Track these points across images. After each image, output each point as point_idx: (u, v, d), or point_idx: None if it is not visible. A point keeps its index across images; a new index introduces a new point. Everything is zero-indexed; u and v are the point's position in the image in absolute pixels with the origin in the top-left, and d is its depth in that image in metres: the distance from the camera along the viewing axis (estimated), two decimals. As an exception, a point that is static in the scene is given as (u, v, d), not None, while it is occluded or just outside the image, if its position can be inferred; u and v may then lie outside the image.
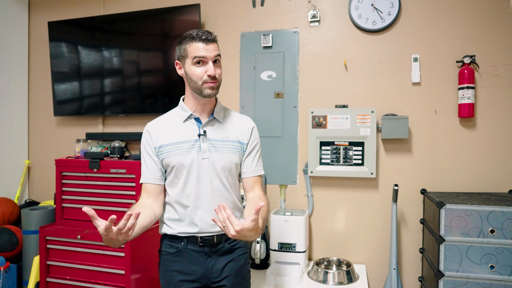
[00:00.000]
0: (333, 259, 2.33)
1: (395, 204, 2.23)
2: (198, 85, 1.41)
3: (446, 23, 2.26)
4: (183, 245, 1.49)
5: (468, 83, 2.16)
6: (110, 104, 2.78)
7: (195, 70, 1.40)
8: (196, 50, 1.39)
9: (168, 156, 1.47)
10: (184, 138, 1.47)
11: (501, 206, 1.81)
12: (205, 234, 1.47)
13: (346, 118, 2.32)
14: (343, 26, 2.42)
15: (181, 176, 1.46)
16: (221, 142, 1.49)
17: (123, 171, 2.41)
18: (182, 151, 1.46)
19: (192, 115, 1.50)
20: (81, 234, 2.37)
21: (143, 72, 2.73)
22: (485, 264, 1.83)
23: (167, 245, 1.55)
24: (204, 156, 1.46)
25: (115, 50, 2.77)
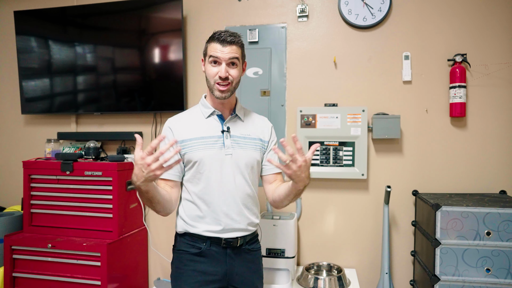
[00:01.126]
0: (323, 264, 2.24)
1: (387, 206, 2.16)
2: (211, 85, 1.45)
3: (437, 20, 2.21)
4: (206, 246, 1.46)
5: (460, 82, 2.11)
6: (84, 102, 2.59)
7: (210, 69, 1.44)
8: (212, 50, 1.43)
9: (191, 151, 1.45)
10: (208, 133, 1.47)
11: (497, 208, 1.77)
12: (229, 236, 1.47)
13: (336, 117, 2.24)
14: (333, 22, 2.33)
15: (204, 172, 1.45)
16: (243, 139, 1.51)
17: (99, 173, 2.24)
18: (206, 146, 1.45)
19: (215, 111, 1.51)
20: (52, 242, 2.18)
21: (119, 69, 2.55)
22: (481, 267, 1.79)
23: (187, 244, 1.49)
24: (228, 152, 1.46)
25: (89, 46, 2.58)
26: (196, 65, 2.51)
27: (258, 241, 1.63)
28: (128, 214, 2.35)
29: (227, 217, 1.46)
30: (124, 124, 2.61)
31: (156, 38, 2.48)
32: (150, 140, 2.56)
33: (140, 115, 2.58)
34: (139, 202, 2.47)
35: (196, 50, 2.50)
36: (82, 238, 2.25)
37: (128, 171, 2.34)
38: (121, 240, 2.26)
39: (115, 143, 2.60)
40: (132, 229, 2.40)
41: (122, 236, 2.28)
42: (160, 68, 2.49)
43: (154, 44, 2.48)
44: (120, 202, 2.26)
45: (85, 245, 2.14)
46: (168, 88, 2.48)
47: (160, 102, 2.49)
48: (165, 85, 2.49)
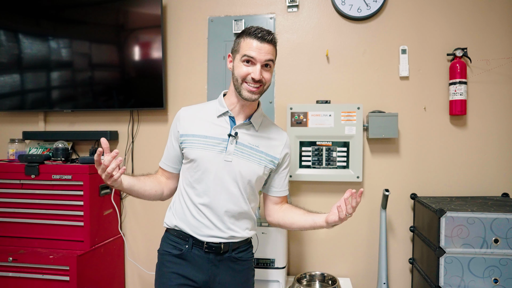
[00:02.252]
0: (316, 273, 2.06)
1: (385, 211, 2.01)
2: (238, 84, 1.32)
3: (436, 12, 2.07)
4: (188, 248, 1.37)
5: (460, 78, 1.98)
6: (57, 100, 2.33)
7: (241, 68, 1.30)
8: (248, 48, 1.29)
9: (190, 147, 1.37)
10: (212, 133, 1.37)
11: (505, 213, 1.63)
12: (211, 240, 1.36)
13: (329, 115, 2.07)
14: (325, 13, 2.17)
15: (197, 172, 1.36)
16: (249, 149, 1.38)
17: (68, 177, 2.01)
18: (206, 146, 1.35)
19: (228, 112, 1.39)
20: (13, 255, 1.95)
21: (96, 66, 2.32)
22: (488, 278, 1.65)
23: (169, 244, 1.42)
24: (228, 158, 1.35)
25: (64, 40, 2.34)
26: (176, 62, 2.30)
27: (249, 250, 1.49)
28: (101, 222, 2.13)
29: (210, 223, 1.36)
30: (98, 123, 2.38)
31: (134, 33, 2.26)
32: (127, 139, 2.34)
33: (116, 113, 2.36)
34: (114, 208, 2.25)
35: (176, 46, 2.29)
36: (48, 249, 2.02)
37: (101, 174, 2.12)
38: (93, 251, 2.03)
39: (88, 144, 2.37)
40: (106, 238, 2.18)
41: (95, 247, 2.05)
42: (139, 64, 2.27)
43: (132, 39, 2.26)
44: (92, 208, 2.04)
45: (52, 258, 1.92)
46: (147, 86, 2.26)
47: (138, 100, 2.27)
48: (143, 82, 2.27)
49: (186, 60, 2.29)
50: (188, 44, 2.28)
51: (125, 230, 2.34)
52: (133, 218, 2.35)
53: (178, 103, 2.29)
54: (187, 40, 2.28)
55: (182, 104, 2.28)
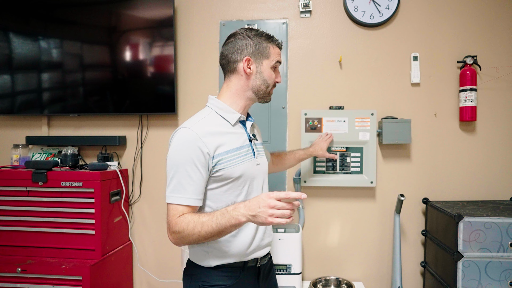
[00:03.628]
0: (331, 278, 2.08)
1: (398, 216, 2.04)
2: (268, 90, 1.34)
3: (447, 20, 2.12)
4: (244, 271, 1.30)
5: (471, 85, 2.03)
6: (51, 102, 2.26)
7: (271, 74, 1.33)
8: (277, 55, 1.34)
9: (231, 166, 1.22)
10: (240, 143, 1.29)
11: (520, 217, 1.69)
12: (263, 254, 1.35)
13: (343, 121, 2.09)
14: (338, 19, 2.18)
15: (244, 186, 1.27)
16: (260, 145, 1.44)
17: (78, 184, 1.96)
18: (242, 158, 1.27)
19: (241, 117, 1.33)
20: (21, 265, 1.88)
21: (102, 68, 2.25)
22: (505, 281, 1.70)
23: (223, 277, 1.27)
24: (257, 162, 1.34)
25: (54, 40, 2.26)
26: (186, 65, 2.26)
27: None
28: (111, 230, 2.08)
29: (262, 233, 1.34)
30: (105, 127, 2.32)
31: (145, 34, 2.21)
32: (136, 144, 2.29)
33: (124, 117, 2.30)
34: (124, 215, 2.20)
35: (187, 49, 2.26)
36: (58, 259, 1.96)
37: (111, 180, 2.07)
38: (105, 260, 1.98)
39: (94, 149, 2.31)
40: (116, 246, 2.13)
41: (106, 255, 2.01)
42: (149, 67, 2.22)
43: (142, 41, 2.21)
44: (104, 216, 1.99)
45: (63, 268, 1.86)
46: (158, 90, 2.22)
47: (148, 104, 2.22)
48: (154, 87, 2.22)
49: (197, 64, 2.26)
50: (199, 48, 2.25)
51: (134, 237, 2.29)
52: (141, 225, 2.30)
53: (189, 108, 2.26)
54: (198, 44, 2.25)
55: (193, 109, 2.27)
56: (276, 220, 1.04)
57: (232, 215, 1.08)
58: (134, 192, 2.30)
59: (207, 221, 1.10)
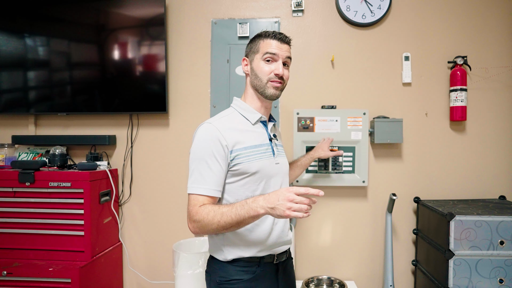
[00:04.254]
0: (323, 277, 2.08)
1: (390, 215, 2.05)
2: (263, 83, 1.31)
3: (438, 21, 2.14)
4: (260, 267, 1.30)
5: (461, 85, 2.05)
6: (38, 101, 2.21)
7: (263, 66, 1.31)
8: (269, 46, 1.31)
9: (248, 161, 1.26)
10: (259, 141, 1.32)
11: (510, 216, 1.70)
12: (281, 251, 1.36)
13: (335, 121, 2.09)
14: (330, 18, 2.18)
15: (261, 183, 1.29)
16: (281, 147, 1.45)
17: (67, 184, 1.92)
18: (260, 155, 1.30)
19: (262, 117, 1.37)
20: (7, 268, 1.83)
21: (90, 66, 2.20)
22: (494, 278, 1.72)
23: (239, 271, 1.28)
24: (277, 161, 1.36)
25: (41, 38, 2.21)
26: (177, 63, 2.23)
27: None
28: (101, 231, 2.04)
29: (280, 231, 1.34)
30: (94, 127, 2.28)
31: (136, 33, 2.18)
32: (126, 144, 2.25)
33: (113, 116, 2.26)
34: (114, 215, 2.17)
35: (178, 48, 2.23)
36: (47, 261, 1.92)
37: (100, 180, 2.04)
38: (94, 262, 1.95)
39: (83, 149, 2.27)
40: (106, 247, 2.09)
41: (96, 257, 1.97)
42: (139, 65, 2.19)
43: (132, 40, 2.18)
44: (93, 217, 1.96)
45: (51, 270, 1.82)
46: (148, 89, 2.19)
47: (139, 103, 2.19)
48: (144, 85, 2.19)
49: (188, 62, 2.23)
50: (191, 47, 2.23)
51: (124, 238, 2.26)
52: (131, 226, 2.27)
53: (180, 107, 2.23)
54: (189, 43, 2.23)
55: (185, 108, 2.25)
56: (294, 214, 1.07)
57: (251, 206, 1.12)
58: (124, 193, 2.26)
59: (227, 211, 1.15)
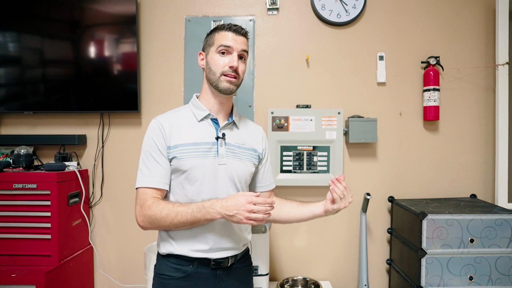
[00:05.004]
0: (298, 278, 2.06)
1: (365, 215, 2.05)
2: (216, 77, 1.27)
3: (411, 21, 2.15)
4: (193, 268, 1.27)
5: (434, 85, 2.07)
6: (7, 99, 2.13)
7: (218, 59, 1.27)
8: (223, 38, 1.27)
9: (181, 158, 1.25)
10: (201, 139, 1.28)
11: (480, 214, 1.73)
12: (219, 256, 1.29)
13: (310, 120, 2.08)
14: (305, 17, 2.17)
15: (194, 183, 1.26)
16: (238, 148, 1.34)
17: (33, 186, 1.84)
18: (198, 153, 1.26)
19: (210, 114, 1.33)
20: (-30, 274, 1.74)
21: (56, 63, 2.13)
22: (465, 276, 1.74)
23: (171, 268, 1.28)
24: (222, 162, 1.29)
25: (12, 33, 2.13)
26: (150, 62, 2.18)
27: (250, 257, 1.46)
28: (70, 233, 1.97)
29: (217, 235, 1.28)
30: (64, 126, 2.20)
31: (105, 30, 2.12)
32: (97, 144, 2.18)
33: (84, 116, 2.19)
34: (84, 217, 2.10)
35: (151, 45, 2.18)
36: (10, 266, 1.83)
37: (69, 182, 1.97)
38: (62, 266, 1.88)
39: (52, 149, 2.18)
40: (75, 250, 2.02)
41: (64, 261, 1.90)
42: (112, 64, 2.13)
43: (107, 37, 2.12)
44: (61, 219, 1.89)
45: (14, 276, 1.74)
46: (120, 87, 2.13)
47: (110, 102, 2.13)
48: (116, 83, 2.13)
49: (162, 61, 2.18)
50: (164, 45, 2.18)
51: (94, 241, 2.19)
52: (103, 228, 2.20)
53: (153, 106, 2.18)
54: (162, 40, 2.18)
55: (157, 107, 2.20)
56: (252, 222, 1.11)
57: (208, 211, 1.15)
58: (95, 194, 2.19)
59: (182, 211, 1.16)
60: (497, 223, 1.73)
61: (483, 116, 2.16)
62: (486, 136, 2.16)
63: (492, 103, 2.15)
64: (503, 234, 1.73)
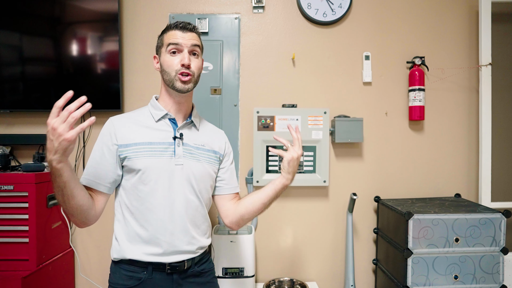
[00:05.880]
0: (284, 279, 2.04)
1: (351, 215, 2.04)
2: (171, 77, 1.25)
3: (397, 21, 2.16)
4: (147, 274, 1.23)
5: (419, 85, 2.08)
6: None
7: (169, 59, 1.25)
8: (171, 37, 1.26)
9: (134, 157, 1.23)
10: (156, 139, 1.26)
11: (465, 214, 1.74)
12: (174, 259, 1.24)
13: (296, 120, 2.06)
14: (291, 16, 2.15)
15: (148, 183, 1.23)
16: (197, 149, 1.31)
17: (9, 187, 1.77)
18: (153, 153, 1.24)
19: (167, 114, 1.31)
20: None
21: (34, 60, 2.06)
22: (450, 275, 1.74)
23: (124, 275, 1.24)
24: (178, 162, 1.26)
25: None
26: (133, 60, 2.13)
27: (210, 260, 1.42)
28: (49, 236, 1.90)
29: (172, 238, 1.24)
30: (42, 125, 2.13)
31: (88, 27, 2.06)
32: (77, 144, 2.12)
33: (63, 114, 2.12)
34: (64, 220, 2.03)
35: (133, 43, 2.13)
36: (-15, 271, 1.76)
37: (49, 182, 1.90)
38: (40, 270, 1.81)
39: (31, 149, 2.11)
40: (54, 253, 1.95)
41: (42, 265, 1.83)
42: (93, 61, 2.07)
43: (89, 35, 2.06)
44: (39, 222, 1.82)
45: (-10, 281, 1.67)
46: (101, 85, 2.07)
47: (91, 100, 2.05)
48: (97, 81, 2.07)
49: (145, 59, 2.13)
50: (147, 42, 2.13)
51: (75, 244, 2.13)
52: (84, 230, 2.14)
53: (135, 104, 2.13)
54: (145, 38, 2.13)
55: (140, 105, 2.12)
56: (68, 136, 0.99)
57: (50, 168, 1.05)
58: (75, 195, 2.13)
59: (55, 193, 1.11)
60: (481, 222, 1.74)
61: (467, 116, 2.18)
62: (469, 136, 2.18)
63: (475, 103, 2.17)
64: (487, 233, 1.74)
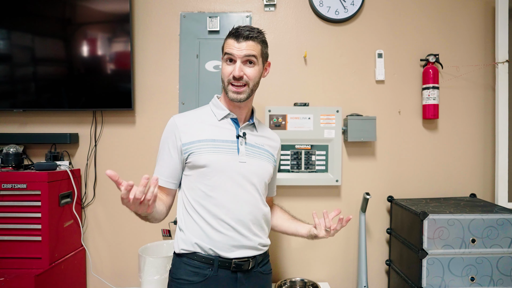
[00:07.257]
0: (296, 280, 2.02)
1: (364, 215, 2.01)
2: (225, 85, 1.30)
3: (410, 18, 2.12)
4: (213, 272, 1.24)
5: (434, 83, 2.05)
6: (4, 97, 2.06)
7: (225, 67, 1.30)
8: (227, 46, 1.29)
9: (198, 153, 1.26)
10: (220, 136, 1.31)
11: (481, 214, 1.70)
12: (239, 255, 1.26)
13: (308, 118, 2.03)
14: (302, 14, 2.13)
15: (212, 178, 1.26)
16: (257, 148, 1.36)
17: (22, 186, 1.78)
18: (217, 149, 1.27)
19: (230, 114, 1.36)
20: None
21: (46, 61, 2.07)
22: (466, 276, 1.71)
23: (189, 271, 1.26)
24: (242, 159, 1.30)
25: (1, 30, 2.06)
26: (144, 59, 2.13)
27: (269, 262, 1.45)
28: (61, 235, 1.91)
29: (237, 233, 1.26)
30: (56, 124, 2.14)
31: (99, 28, 2.06)
32: (89, 142, 2.12)
33: (77, 114, 2.13)
34: (76, 218, 2.04)
35: (145, 42, 2.12)
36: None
37: (61, 181, 1.91)
38: (53, 268, 1.82)
39: (43, 147, 2.12)
40: (67, 252, 1.96)
41: (55, 263, 1.84)
42: (105, 61, 2.07)
43: (100, 35, 2.06)
44: (52, 220, 1.83)
45: (2, 280, 1.67)
46: (113, 84, 2.07)
47: (103, 100, 2.07)
48: (109, 81, 2.07)
49: (156, 57, 2.13)
50: (158, 41, 2.13)
51: (87, 242, 2.13)
52: (95, 229, 2.14)
53: (147, 104, 2.13)
54: (157, 37, 2.13)
55: (152, 105, 2.14)
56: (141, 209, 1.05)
57: None
58: (87, 194, 2.13)
59: None
60: (498, 223, 1.70)
61: (482, 115, 2.14)
62: (485, 134, 2.14)
63: (491, 101, 2.13)
64: (504, 234, 1.70)
